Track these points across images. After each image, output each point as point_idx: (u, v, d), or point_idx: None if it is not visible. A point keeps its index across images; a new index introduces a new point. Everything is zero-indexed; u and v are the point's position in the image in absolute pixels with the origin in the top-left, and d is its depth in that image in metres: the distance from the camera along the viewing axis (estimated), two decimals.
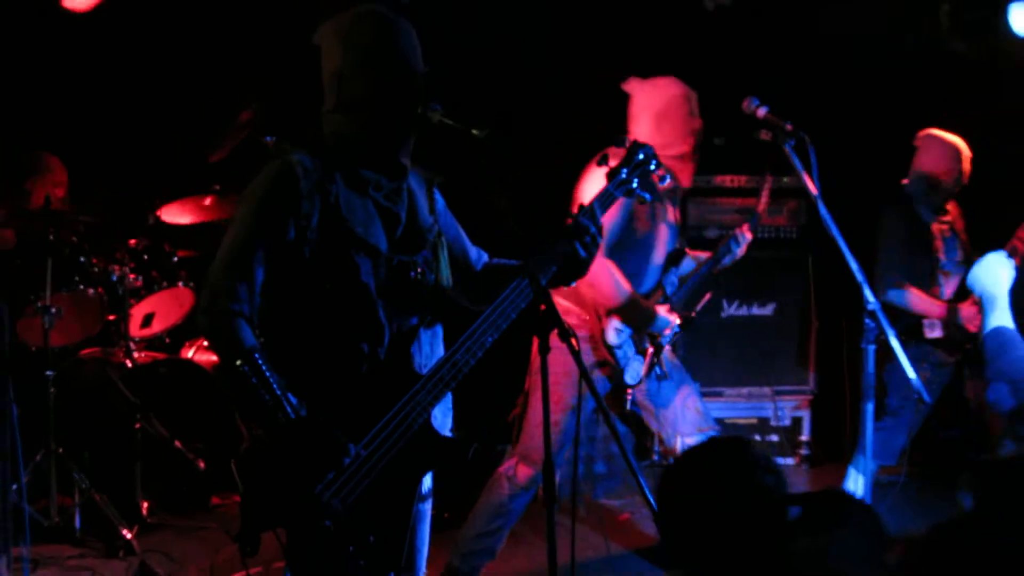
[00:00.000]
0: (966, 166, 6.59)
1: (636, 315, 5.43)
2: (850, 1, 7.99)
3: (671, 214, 5.66)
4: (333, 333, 3.49)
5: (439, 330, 3.77)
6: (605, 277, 5.30)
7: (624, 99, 5.63)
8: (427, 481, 3.71)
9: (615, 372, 5.48)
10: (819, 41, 8.22)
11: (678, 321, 5.60)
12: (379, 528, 3.44)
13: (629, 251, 5.45)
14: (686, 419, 5.64)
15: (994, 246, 6.66)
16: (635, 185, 3.89)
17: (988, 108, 7.82)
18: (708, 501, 2.85)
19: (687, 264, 5.82)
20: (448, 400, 3.75)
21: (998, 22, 7.56)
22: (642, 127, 5.49)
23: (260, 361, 3.31)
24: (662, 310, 5.52)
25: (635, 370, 5.52)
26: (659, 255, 5.62)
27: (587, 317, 5.47)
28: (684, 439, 5.65)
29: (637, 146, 3.93)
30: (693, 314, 5.77)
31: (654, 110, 5.49)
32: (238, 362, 3.31)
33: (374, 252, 3.51)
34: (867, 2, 8.00)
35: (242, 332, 3.35)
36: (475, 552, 5.51)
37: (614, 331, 5.44)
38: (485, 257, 3.96)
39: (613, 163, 3.91)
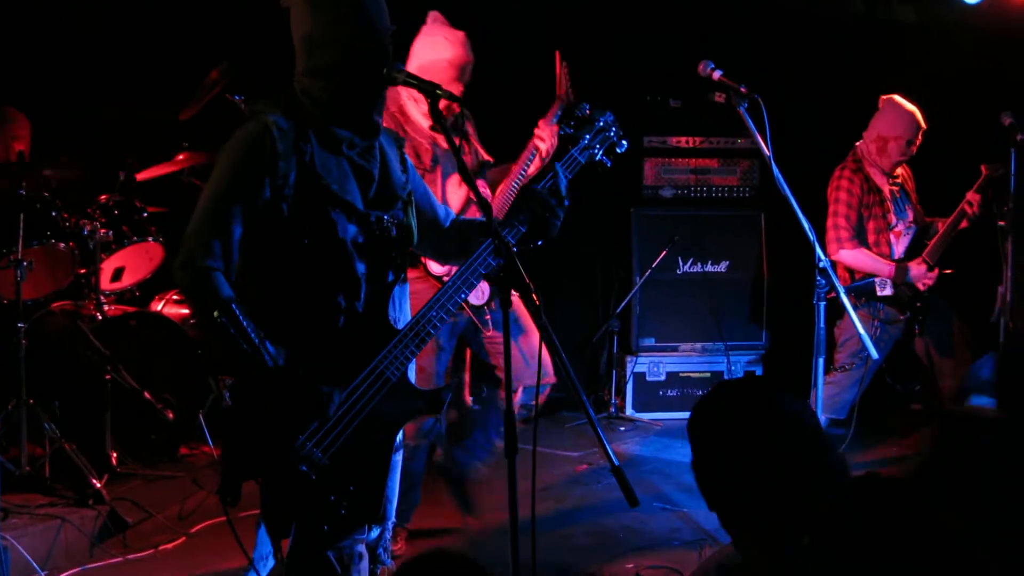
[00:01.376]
0: (920, 135, 6.75)
1: None
2: None
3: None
4: (311, 287, 3.55)
5: (407, 286, 3.85)
6: None
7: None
8: (399, 434, 3.78)
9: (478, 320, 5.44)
10: (771, 4, 8.37)
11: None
12: (358, 478, 3.50)
13: None
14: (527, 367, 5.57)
15: (941, 208, 6.85)
16: (596, 150, 3.95)
17: (935, 74, 7.99)
18: (718, 446, 2.82)
19: None
20: None
21: None
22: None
23: (237, 311, 3.36)
24: None
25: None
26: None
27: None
28: (525, 386, 5.61)
29: (597, 113, 4.00)
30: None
31: (417, 64, 5.32)
32: (215, 313, 3.35)
33: (349, 208, 3.55)
34: None
35: (218, 285, 3.40)
36: (401, 511, 5.38)
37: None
38: (452, 214, 4.01)
39: (578, 128, 3.96)
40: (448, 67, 5.36)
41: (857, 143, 6.83)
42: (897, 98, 6.79)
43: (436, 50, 5.39)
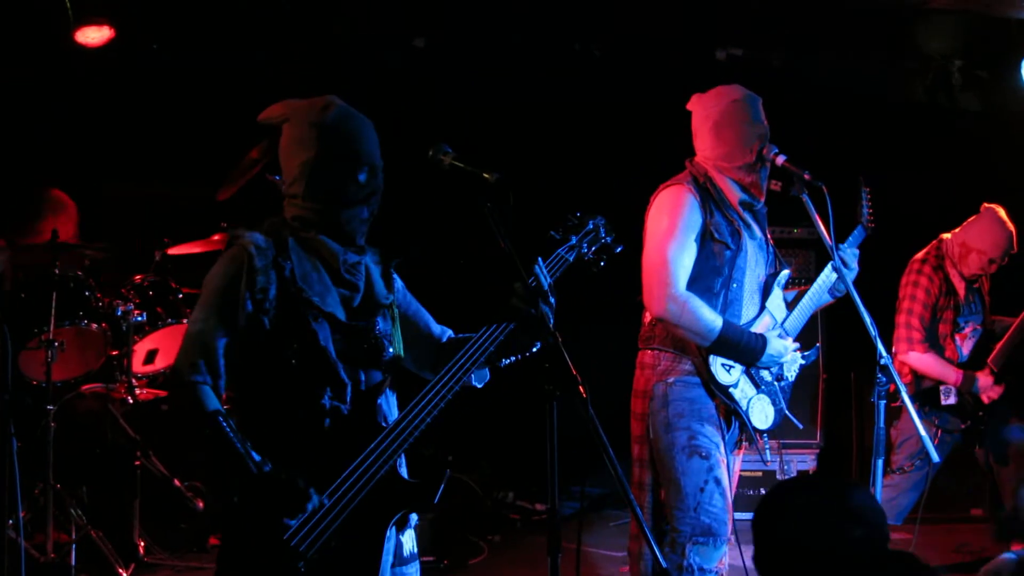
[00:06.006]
0: (1006, 259, 6.54)
1: (740, 348, 4.84)
2: (863, 57, 8.03)
3: (757, 232, 5.06)
4: (296, 393, 3.63)
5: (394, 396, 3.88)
6: (689, 313, 4.74)
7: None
8: (410, 543, 3.79)
9: (739, 417, 4.93)
10: (831, 93, 8.25)
11: (796, 346, 5.06)
12: (349, 573, 3.53)
13: (713, 278, 4.91)
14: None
15: (1005, 303, 6.62)
16: (584, 249, 4.05)
17: (998, 162, 7.82)
18: (791, 538, 2.92)
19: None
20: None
21: (1009, 77, 7.57)
22: (703, 141, 5.03)
23: (223, 423, 3.47)
24: (772, 336, 4.95)
25: (762, 411, 4.98)
26: (752, 278, 5.04)
27: (691, 359, 4.86)
28: None
29: (586, 218, 4.11)
30: (819, 341, 5.21)
31: (711, 121, 4.99)
32: (201, 426, 3.50)
33: (331, 319, 3.67)
34: (880, 58, 8.04)
35: (205, 399, 3.53)
36: None
37: (722, 367, 4.84)
38: (449, 332, 4.08)
39: (566, 233, 4.05)
40: (740, 107, 5.04)
41: (944, 236, 6.61)
42: (1000, 211, 6.59)
43: (719, 100, 5.04)
